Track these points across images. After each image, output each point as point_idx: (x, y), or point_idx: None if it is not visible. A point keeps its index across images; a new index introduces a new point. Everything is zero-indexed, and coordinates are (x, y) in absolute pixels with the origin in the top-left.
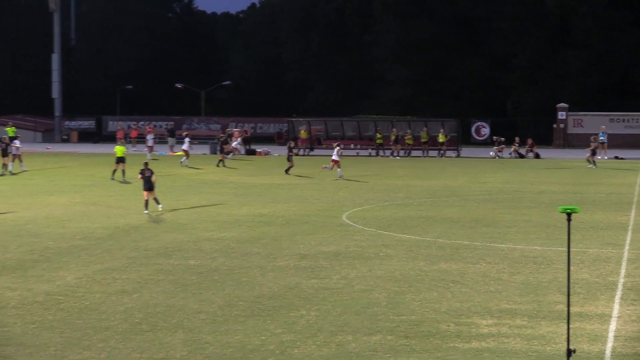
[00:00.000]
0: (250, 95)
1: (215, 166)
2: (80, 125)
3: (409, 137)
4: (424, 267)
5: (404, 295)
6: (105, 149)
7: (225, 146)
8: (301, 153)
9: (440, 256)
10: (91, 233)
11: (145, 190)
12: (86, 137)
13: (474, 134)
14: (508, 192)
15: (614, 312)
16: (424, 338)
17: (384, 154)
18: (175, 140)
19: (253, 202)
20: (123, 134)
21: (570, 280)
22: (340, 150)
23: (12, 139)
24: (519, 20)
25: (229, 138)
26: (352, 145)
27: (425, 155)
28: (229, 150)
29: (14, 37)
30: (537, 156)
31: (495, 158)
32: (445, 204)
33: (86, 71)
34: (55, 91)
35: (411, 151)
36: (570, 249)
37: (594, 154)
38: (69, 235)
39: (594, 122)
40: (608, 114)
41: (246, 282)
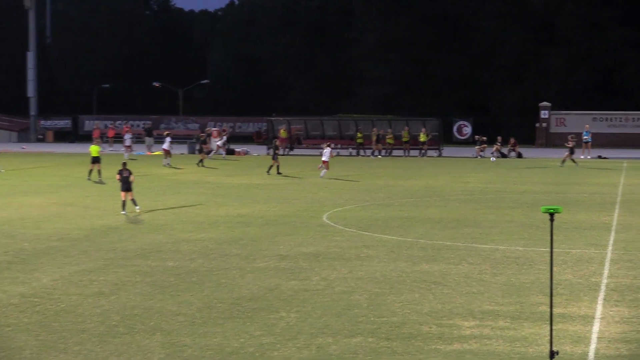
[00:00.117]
0: (228, 94)
1: (196, 166)
2: (56, 124)
3: (390, 137)
4: (405, 268)
5: (385, 296)
6: (81, 149)
7: (204, 146)
8: (280, 153)
9: (421, 257)
10: (67, 234)
11: (123, 190)
12: (62, 137)
13: (455, 133)
14: (490, 192)
15: (597, 314)
16: (405, 340)
17: (365, 154)
18: (153, 139)
19: (232, 203)
20: (99, 134)
21: (553, 281)
22: (333, 152)
23: None
24: (502, 18)
25: (208, 138)
26: (333, 145)
27: (406, 154)
28: (208, 150)
29: None
30: (520, 155)
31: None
32: (426, 204)
33: (62, 70)
34: (30, 90)
35: (392, 151)
36: (553, 250)
37: (572, 152)
38: (44, 237)
39: (577, 121)
40: (591, 112)
41: (225, 284)
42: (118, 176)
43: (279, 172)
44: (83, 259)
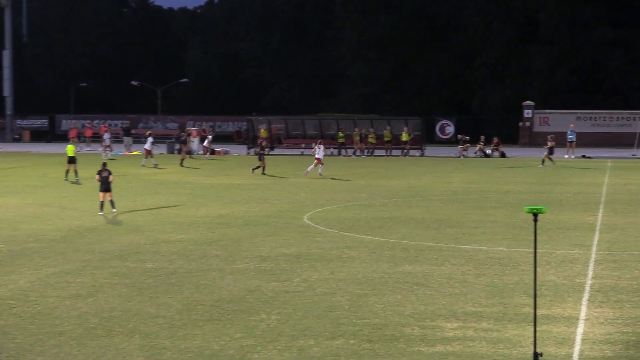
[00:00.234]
0: (208, 93)
1: (179, 165)
2: (33, 124)
3: (372, 136)
4: (387, 270)
5: (367, 298)
6: (58, 149)
7: (183, 145)
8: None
9: (404, 258)
10: (44, 235)
11: (101, 191)
12: (39, 137)
13: (438, 132)
14: (473, 192)
15: (582, 315)
16: (387, 342)
17: (347, 153)
18: (131, 139)
19: (211, 203)
20: (76, 133)
21: (537, 282)
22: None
23: None
24: (484, 16)
25: (188, 137)
26: (313, 145)
27: (388, 154)
28: (188, 149)
29: None
30: (503, 155)
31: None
32: (409, 204)
33: (39, 68)
34: (6, 89)
35: (374, 150)
36: (537, 250)
37: (551, 152)
38: (21, 238)
39: (561, 121)
40: (575, 111)
41: (205, 286)
42: (97, 176)
43: (263, 172)
44: (60, 261)
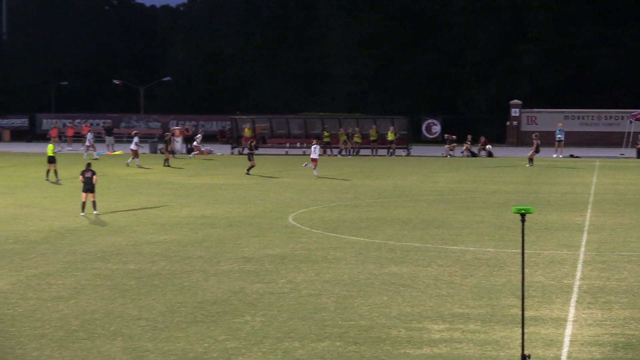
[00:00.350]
0: (191, 92)
1: (163, 165)
2: (13, 123)
3: (357, 136)
4: (373, 271)
5: (353, 299)
6: (39, 149)
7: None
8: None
9: (390, 259)
10: (25, 236)
11: (84, 191)
12: (19, 136)
13: (424, 131)
14: (460, 192)
15: (570, 316)
16: (374, 344)
17: (332, 153)
18: (113, 139)
19: (195, 204)
20: (57, 133)
21: (525, 283)
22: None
23: None
24: (471, 13)
25: (172, 137)
26: (299, 144)
27: (374, 154)
28: (172, 149)
29: None
30: (490, 154)
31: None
32: (395, 204)
33: (18, 67)
34: None
35: (359, 150)
36: (525, 251)
37: (537, 151)
38: (1, 239)
39: (549, 120)
40: (563, 110)
41: (188, 287)
42: (81, 177)
43: (247, 172)
44: (41, 262)
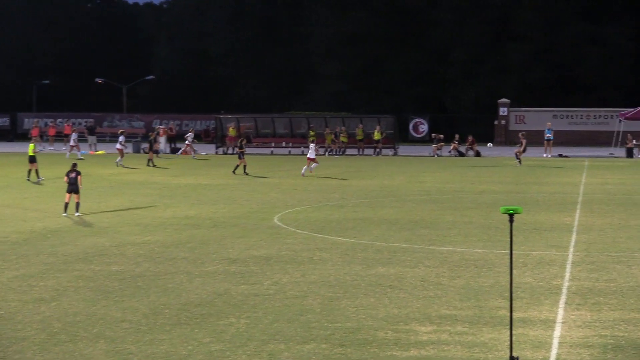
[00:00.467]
0: (175, 91)
1: (147, 165)
2: None
3: (343, 135)
4: (360, 272)
5: (339, 301)
6: (20, 148)
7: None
8: (230, 152)
9: (377, 260)
10: (6, 237)
11: (68, 192)
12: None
13: (411, 131)
14: (448, 192)
15: (559, 318)
16: (360, 346)
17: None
18: (95, 138)
19: (179, 204)
20: (38, 132)
21: (513, 285)
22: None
23: None
24: (459, 12)
25: (157, 136)
26: (284, 144)
27: (360, 153)
28: (157, 149)
29: None
30: (478, 154)
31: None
32: (382, 204)
33: None
34: None
35: (346, 149)
36: (513, 252)
37: (524, 150)
38: None
39: (537, 119)
40: (551, 109)
41: (172, 289)
42: (66, 178)
43: (234, 172)
44: (22, 264)
